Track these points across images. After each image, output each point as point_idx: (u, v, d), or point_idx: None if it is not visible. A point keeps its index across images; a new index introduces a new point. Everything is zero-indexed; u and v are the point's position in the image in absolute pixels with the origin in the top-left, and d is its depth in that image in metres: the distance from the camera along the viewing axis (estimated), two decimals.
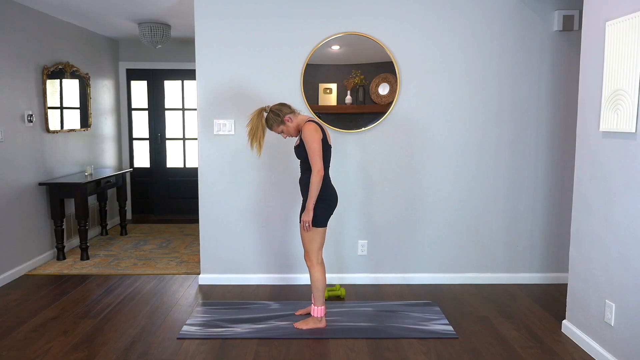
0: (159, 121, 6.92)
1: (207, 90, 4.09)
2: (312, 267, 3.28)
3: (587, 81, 3.08)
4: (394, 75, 4.04)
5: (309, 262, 3.29)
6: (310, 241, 3.25)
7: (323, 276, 3.29)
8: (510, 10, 4.04)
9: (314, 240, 3.25)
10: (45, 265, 4.77)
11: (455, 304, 3.81)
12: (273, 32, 4.04)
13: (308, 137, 3.13)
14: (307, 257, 3.30)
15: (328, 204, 3.25)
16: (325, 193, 3.24)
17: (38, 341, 3.15)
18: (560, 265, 4.22)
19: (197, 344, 3.12)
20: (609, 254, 2.84)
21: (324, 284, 3.30)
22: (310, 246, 3.26)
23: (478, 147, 4.15)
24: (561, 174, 4.18)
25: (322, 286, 3.28)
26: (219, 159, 4.15)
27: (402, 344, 3.13)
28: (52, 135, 5.05)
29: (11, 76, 4.38)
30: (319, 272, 3.27)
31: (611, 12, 2.81)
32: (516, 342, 3.17)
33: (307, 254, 3.29)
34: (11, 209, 4.37)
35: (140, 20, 5.26)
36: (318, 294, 3.29)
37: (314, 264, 3.27)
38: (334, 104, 4.08)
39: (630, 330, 2.66)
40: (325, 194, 3.23)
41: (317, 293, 3.29)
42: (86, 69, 5.74)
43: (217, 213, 4.20)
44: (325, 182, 3.22)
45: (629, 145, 2.66)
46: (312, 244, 3.25)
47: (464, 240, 4.24)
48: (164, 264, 4.79)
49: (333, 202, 3.28)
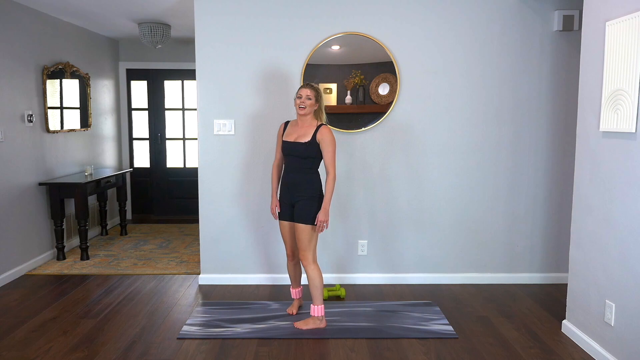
0: (159, 121, 6.92)
1: (207, 90, 4.09)
2: (308, 265, 3.29)
3: (587, 81, 3.08)
4: (394, 75, 4.04)
5: (306, 262, 3.29)
6: (310, 240, 3.27)
7: (320, 274, 3.31)
8: (510, 10, 4.04)
9: (313, 238, 3.27)
10: (45, 265, 4.77)
11: (455, 304, 3.81)
12: (273, 32, 4.04)
13: (331, 140, 3.23)
14: (303, 257, 3.30)
15: (319, 204, 3.28)
16: (320, 194, 3.29)
17: (38, 341, 3.15)
18: (560, 265, 4.22)
19: (197, 344, 3.12)
20: (609, 254, 2.84)
21: (322, 282, 3.32)
22: (309, 245, 3.27)
23: (478, 147, 4.16)
24: (561, 174, 4.18)
25: (320, 284, 3.29)
26: (219, 159, 4.15)
27: (402, 344, 3.13)
28: (52, 135, 5.05)
29: (11, 76, 4.38)
30: (317, 270, 3.29)
31: (611, 12, 2.81)
32: (516, 342, 3.17)
33: (304, 253, 3.28)
34: (11, 209, 4.37)
35: (140, 20, 5.26)
36: (317, 293, 3.29)
37: (310, 262, 3.28)
38: (334, 104, 4.08)
39: (630, 330, 2.66)
40: (320, 194, 3.29)
41: (316, 292, 3.29)
42: (86, 69, 5.74)
43: (217, 213, 4.20)
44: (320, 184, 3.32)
45: (629, 145, 2.66)
46: (311, 243, 3.28)
47: (464, 240, 4.24)
48: (164, 264, 4.79)
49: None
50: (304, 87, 3.29)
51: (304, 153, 3.25)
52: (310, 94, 3.24)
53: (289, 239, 3.42)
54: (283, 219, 3.38)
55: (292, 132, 3.32)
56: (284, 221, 3.39)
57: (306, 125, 3.29)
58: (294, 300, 3.62)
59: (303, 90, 3.26)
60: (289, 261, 3.51)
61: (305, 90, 3.26)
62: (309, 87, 3.28)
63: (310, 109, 3.25)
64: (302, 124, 3.30)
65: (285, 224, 3.39)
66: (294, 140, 3.27)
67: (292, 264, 3.52)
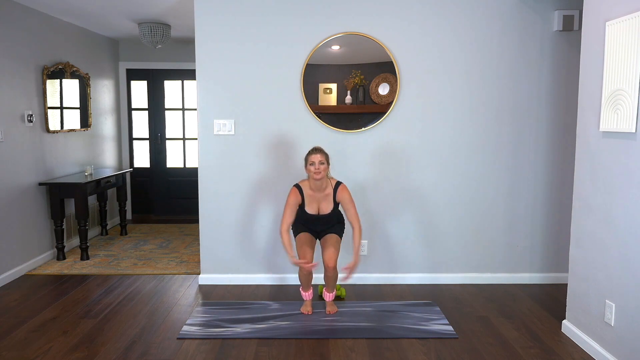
0: (159, 121, 6.92)
1: (207, 90, 4.09)
2: (335, 267, 3.50)
3: (587, 81, 3.08)
4: (394, 75, 4.04)
5: (334, 263, 3.46)
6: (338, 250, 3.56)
7: None
8: (510, 10, 4.04)
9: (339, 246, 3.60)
10: (45, 265, 4.77)
11: (455, 304, 3.81)
12: (273, 32, 4.04)
13: (350, 198, 3.51)
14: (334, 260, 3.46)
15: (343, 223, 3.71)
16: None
17: (38, 341, 3.15)
18: (560, 265, 4.22)
19: (197, 344, 3.12)
20: (609, 254, 2.84)
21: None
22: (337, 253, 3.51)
23: (478, 147, 4.16)
24: (561, 174, 4.18)
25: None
26: (219, 159, 4.15)
27: (402, 344, 3.13)
28: (52, 135, 5.05)
29: (11, 76, 4.38)
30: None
31: (611, 12, 2.81)
32: (516, 342, 3.17)
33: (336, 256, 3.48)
34: (11, 209, 4.37)
35: (140, 20, 5.26)
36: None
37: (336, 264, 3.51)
38: (334, 104, 4.08)
39: (630, 330, 2.66)
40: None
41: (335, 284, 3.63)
42: (86, 69, 5.74)
43: (217, 213, 4.20)
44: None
45: (629, 145, 2.66)
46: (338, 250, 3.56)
47: (464, 240, 4.24)
48: (164, 264, 4.79)
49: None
50: (314, 153, 3.42)
51: (331, 221, 3.55)
52: (322, 159, 3.40)
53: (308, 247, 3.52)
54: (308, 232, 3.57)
55: (312, 202, 3.48)
56: (308, 233, 3.55)
57: (323, 188, 3.48)
58: (305, 302, 3.63)
59: (315, 157, 3.39)
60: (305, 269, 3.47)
61: (317, 156, 3.39)
62: (319, 152, 3.43)
63: (324, 173, 3.41)
64: (318, 188, 3.46)
65: (308, 234, 3.55)
66: (318, 214, 3.51)
67: (306, 273, 3.51)
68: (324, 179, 3.44)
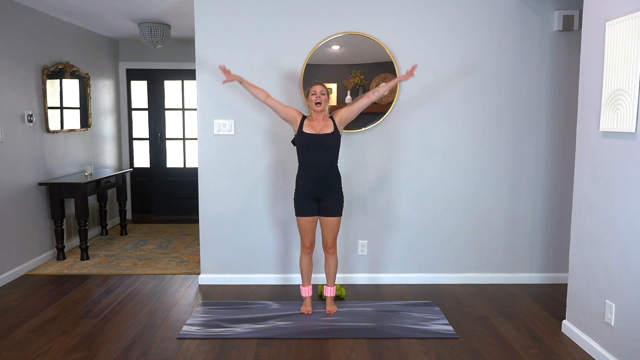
0: (159, 121, 6.92)
1: (207, 90, 4.09)
2: (335, 252, 3.60)
3: (587, 81, 3.08)
4: (394, 75, 4.04)
5: (333, 249, 3.56)
6: (339, 229, 3.58)
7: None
8: (510, 10, 4.04)
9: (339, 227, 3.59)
10: (45, 265, 4.77)
11: (455, 304, 3.81)
12: (273, 32, 4.04)
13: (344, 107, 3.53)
14: (333, 244, 3.55)
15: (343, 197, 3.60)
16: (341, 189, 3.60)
17: (38, 341, 3.15)
18: (560, 265, 4.22)
19: (197, 344, 3.12)
20: (609, 254, 2.84)
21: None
22: (337, 234, 3.56)
23: (478, 147, 4.16)
24: (561, 174, 4.18)
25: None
26: (219, 159, 4.15)
27: (402, 344, 3.13)
28: (52, 135, 5.05)
29: (11, 76, 4.38)
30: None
31: (611, 12, 2.81)
32: (516, 342, 3.17)
33: (334, 242, 3.55)
34: (11, 209, 4.37)
35: (140, 20, 5.26)
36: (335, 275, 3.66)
37: (336, 249, 3.60)
38: (334, 104, 4.08)
39: (630, 330, 2.66)
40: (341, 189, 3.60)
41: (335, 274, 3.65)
42: (86, 69, 5.74)
43: (217, 213, 4.20)
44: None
45: (629, 145, 2.66)
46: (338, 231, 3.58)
47: (464, 240, 4.24)
48: (164, 264, 4.79)
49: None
50: (315, 84, 3.48)
51: (332, 143, 3.44)
52: (323, 90, 3.45)
53: (310, 231, 3.53)
54: (309, 215, 3.49)
55: (311, 127, 3.45)
56: (309, 217, 3.50)
57: (321, 119, 3.47)
58: (306, 299, 3.62)
59: (317, 87, 3.45)
60: (305, 254, 3.58)
61: (319, 87, 3.45)
62: (320, 84, 3.48)
63: (325, 104, 3.45)
64: (318, 118, 3.46)
65: (309, 219, 3.50)
66: (319, 132, 3.41)
67: (307, 258, 3.59)
68: (323, 113, 3.47)
